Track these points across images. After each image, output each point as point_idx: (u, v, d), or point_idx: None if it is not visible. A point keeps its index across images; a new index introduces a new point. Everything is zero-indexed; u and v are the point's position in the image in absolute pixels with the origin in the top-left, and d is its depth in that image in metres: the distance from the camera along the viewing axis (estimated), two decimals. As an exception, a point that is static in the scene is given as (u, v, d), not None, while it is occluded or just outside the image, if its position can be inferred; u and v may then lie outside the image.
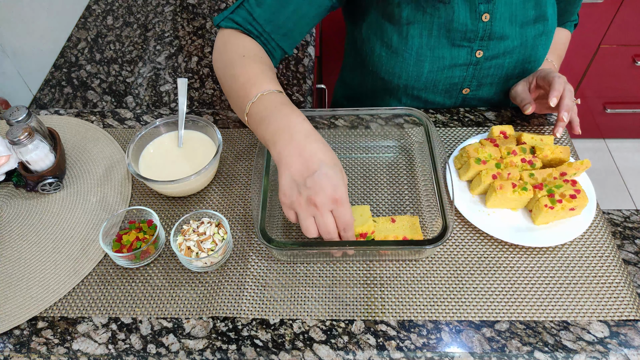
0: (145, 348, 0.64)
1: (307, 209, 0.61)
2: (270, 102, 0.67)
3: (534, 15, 0.82)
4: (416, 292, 0.68)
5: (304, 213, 0.61)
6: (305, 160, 0.61)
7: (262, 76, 0.70)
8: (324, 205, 0.60)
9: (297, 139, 0.62)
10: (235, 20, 0.76)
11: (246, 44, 0.76)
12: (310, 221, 0.61)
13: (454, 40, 0.82)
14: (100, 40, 1.15)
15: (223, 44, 0.77)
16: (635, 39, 1.67)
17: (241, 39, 0.76)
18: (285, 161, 0.62)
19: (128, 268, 0.72)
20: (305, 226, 0.62)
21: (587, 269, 0.70)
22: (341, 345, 0.64)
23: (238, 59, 0.73)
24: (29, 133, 0.74)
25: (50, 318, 0.67)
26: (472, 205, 0.76)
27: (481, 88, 0.91)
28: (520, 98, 0.84)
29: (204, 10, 1.22)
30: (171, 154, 0.81)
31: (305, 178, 0.60)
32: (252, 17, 0.76)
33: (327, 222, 0.61)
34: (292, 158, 0.61)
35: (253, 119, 0.68)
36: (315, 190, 0.59)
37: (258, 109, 0.67)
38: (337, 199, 0.60)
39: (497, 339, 0.64)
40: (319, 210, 0.60)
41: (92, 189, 0.81)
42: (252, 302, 0.68)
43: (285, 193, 0.62)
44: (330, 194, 0.60)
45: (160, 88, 1.03)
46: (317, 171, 0.60)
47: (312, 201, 0.60)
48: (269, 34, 0.77)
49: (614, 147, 2.12)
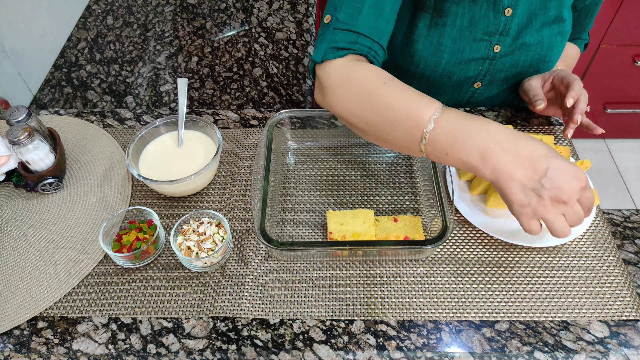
0: (145, 348, 0.64)
1: (556, 209, 0.56)
2: (452, 123, 0.60)
3: (553, 15, 0.82)
4: (416, 292, 0.68)
5: (552, 215, 0.56)
6: (527, 163, 0.56)
7: (420, 98, 0.63)
8: (572, 197, 0.56)
9: (507, 146, 0.57)
10: (339, 46, 0.68)
11: (372, 70, 0.67)
12: (562, 220, 0.57)
13: (476, 33, 0.82)
14: (100, 40, 1.15)
15: (345, 78, 0.67)
16: (635, 39, 1.67)
17: (364, 68, 0.67)
18: (506, 173, 0.56)
19: (128, 268, 0.72)
20: (558, 227, 0.57)
21: (587, 269, 0.70)
22: (341, 345, 0.64)
23: (380, 87, 0.65)
24: (29, 133, 0.74)
25: (50, 318, 0.67)
26: (472, 205, 0.76)
27: (493, 83, 0.90)
28: (533, 93, 0.83)
29: (204, 10, 1.22)
30: (171, 154, 0.81)
31: (538, 180, 0.56)
32: (356, 33, 0.69)
33: (578, 212, 0.57)
34: (512, 167, 0.56)
35: (438, 146, 0.61)
36: (557, 186, 0.55)
37: (441, 134, 0.60)
38: (584, 185, 0.56)
39: (497, 339, 0.64)
40: (568, 205, 0.56)
41: (92, 189, 0.81)
42: (252, 302, 0.68)
43: (523, 204, 0.57)
44: (576, 185, 0.56)
45: (160, 88, 1.03)
46: (548, 168, 0.55)
47: (559, 200, 0.55)
48: (378, 43, 0.71)
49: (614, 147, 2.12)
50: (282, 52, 1.10)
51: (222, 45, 1.13)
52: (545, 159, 0.56)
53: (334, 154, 0.86)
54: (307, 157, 0.86)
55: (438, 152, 0.61)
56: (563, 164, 0.56)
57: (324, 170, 0.83)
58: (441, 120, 0.60)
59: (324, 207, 0.78)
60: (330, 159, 0.85)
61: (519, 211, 0.57)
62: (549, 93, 0.85)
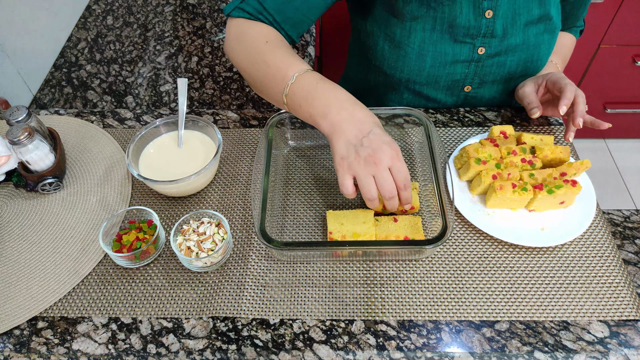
0: (145, 348, 0.64)
1: (367, 168, 0.63)
2: (309, 80, 0.69)
3: (537, 14, 0.82)
4: (416, 292, 0.68)
5: (363, 172, 0.63)
6: (358, 123, 0.64)
7: (292, 58, 0.73)
8: (383, 161, 0.62)
9: (346, 107, 0.66)
10: (245, 9, 0.78)
11: (264, 30, 0.77)
12: (370, 180, 0.63)
13: (457, 36, 0.82)
14: (100, 40, 1.15)
15: (240, 33, 0.78)
16: (635, 39, 1.67)
17: (258, 26, 0.77)
18: (339, 128, 0.65)
19: (128, 268, 0.72)
20: (366, 184, 0.63)
21: (587, 269, 0.70)
22: (341, 345, 0.64)
23: (263, 45, 0.75)
24: (29, 133, 0.74)
25: (50, 318, 0.67)
26: (472, 205, 0.76)
27: (483, 86, 0.90)
28: (528, 100, 0.83)
29: (204, 10, 1.22)
30: (171, 154, 0.81)
31: (361, 139, 0.63)
32: (263, 6, 0.77)
33: (387, 178, 0.63)
34: (345, 124, 0.65)
35: (294, 98, 0.70)
36: (372, 147, 0.62)
37: (298, 88, 0.69)
38: (395, 155, 0.63)
39: (497, 339, 0.64)
40: (378, 167, 0.62)
41: (92, 189, 0.81)
42: (252, 302, 0.68)
43: (343, 156, 0.64)
44: (387, 150, 0.62)
45: (160, 88, 1.03)
46: (371, 131, 0.64)
47: (371, 159, 0.62)
48: (279, 24, 0.78)
49: (614, 147, 2.12)
50: (282, 52, 1.10)
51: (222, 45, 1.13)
52: (372, 124, 0.65)
53: (334, 154, 0.86)
54: (307, 157, 0.85)
55: (294, 103, 0.70)
56: (384, 134, 0.64)
57: (324, 170, 0.83)
58: (301, 78, 0.70)
59: (324, 207, 0.78)
60: (330, 159, 0.85)
61: (339, 163, 0.65)
62: (544, 96, 0.85)
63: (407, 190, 0.65)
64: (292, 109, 0.72)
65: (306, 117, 0.70)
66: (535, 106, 0.81)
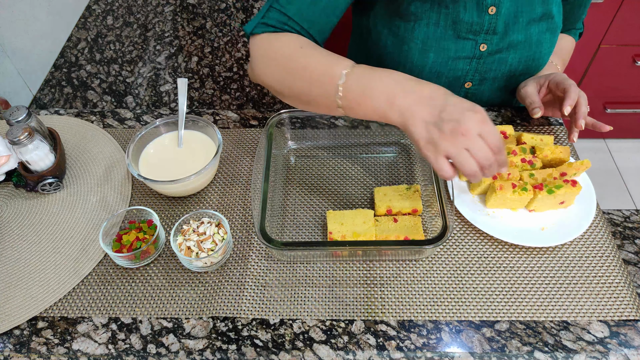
0: (145, 348, 0.64)
1: (457, 142, 0.57)
2: (361, 73, 0.64)
3: (540, 12, 0.82)
4: (416, 292, 0.68)
5: (455, 148, 0.58)
6: (428, 100, 0.59)
7: (333, 57, 0.68)
8: (472, 129, 0.57)
9: (410, 88, 0.61)
10: (269, 23, 0.73)
11: (292, 37, 0.72)
12: (465, 154, 0.58)
13: (460, 32, 0.82)
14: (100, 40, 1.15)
15: (267, 48, 0.73)
16: (635, 39, 1.67)
17: (285, 36, 0.73)
18: (410, 113, 0.60)
19: (128, 268, 0.72)
20: (463, 160, 0.58)
21: (587, 269, 0.70)
22: (341, 345, 0.64)
23: (297, 51, 0.70)
24: (29, 133, 0.74)
25: (50, 318, 0.67)
26: (472, 205, 0.76)
27: (484, 83, 0.90)
28: (530, 100, 0.83)
29: (204, 10, 1.22)
30: (171, 154, 0.81)
31: (439, 114, 0.58)
32: (287, 16, 0.73)
33: (481, 146, 0.58)
34: (415, 106, 0.60)
35: (350, 97, 0.65)
36: (455, 118, 0.57)
37: (352, 85, 0.64)
38: (481, 118, 0.58)
39: (497, 339, 0.64)
40: (468, 137, 0.57)
41: (92, 189, 0.81)
42: (252, 302, 0.68)
43: (426, 139, 0.59)
44: (472, 116, 0.57)
45: (160, 88, 1.03)
46: (446, 102, 0.58)
47: (458, 130, 0.57)
48: (307, 31, 0.75)
49: (614, 147, 2.12)
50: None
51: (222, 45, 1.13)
52: (444, 96, 0.60)
53: (334, 154, 0.86)
54: (307, 157, 0.86)
55: (351, 103, 0.65)
56: (460, 101, 0.59)
57: (324, 170, 0.83)
58: (351, 74, 0.64)
59: (324, 207, 0.78)
60: (330, 159, 0.85)
61: (425, 148, 0.60)
62: (546, 97, 0.85)
63: (502, 153, 0.59)
64: (350, 110, 0.66)
65: (369, 114, 0.64)
66: (537, 106, 0.81)
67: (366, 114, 0.64)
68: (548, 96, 0.84)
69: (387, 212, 0.74)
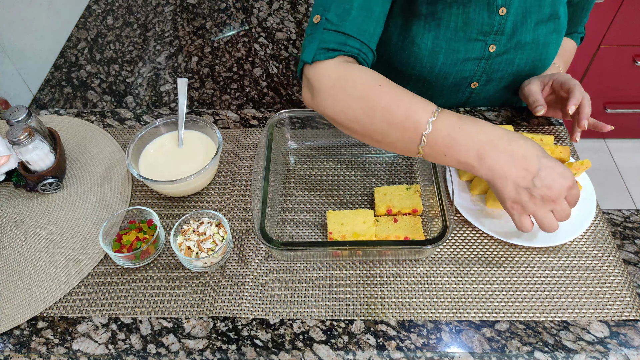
0: (145, 348, 0.64)
1: (544, 207, 0.60)
2: (448, 123, 0.61)
3: (548, 13, 0.82)
4: (416, 292, 0.68)
5: (541, 212, 0.61)
6: (522, 162, 0.59)
7: (417, 100, 0.64)
8: (561, 196, 0.60)
9: (502, 146, 0.60)
10: (329, 47, 0.68)
11: (368, 73, 0.67)
12: (551, 216, 0.61)
13: (471, 34, 0.82)
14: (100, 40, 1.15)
15: (338, 79, 0.66)
16: (635, 39, 1.67)
17: (358, 69, 0.67)
18: (501, 172, 0.60)
19: (128, 268, 0.72)
20: (547, 222, 0.61)
21: (587, 269, 0.70)
22: (341, 345, 0.64)
23: (375, 89, 0.65)
24: (29, 133, 0.74)
25: (50, 318, 0.67)
26: (472, 205, 0.76)
27: (490, 83, 0.90)
28: (534, 98, 0.83)
29: (204, 10, 1.22)
30: (171, 154, 0.81)
31: (531, 180, 0.59)
32: (345, 34, 0.68)
33: (566, 209, 0.61)
34: (508, 167, 0.59)
35: (436, 148, 0.62)
36: (548, 186, 0.59)
37: (439, 136, 0.61)
38: (570, 184, 0.60)
39: (497, 339, 0.64)
40: (557, 203, 0.60)
41: (92, 189, 0.81)
42: (252, 302, 0.68)
43: (515, 200, 0.61)
44: (564, 184, 0.59)
45: (160, 88, 1.03)
46: (540, 169, 0.59)
47: (549, 198, 0.59)
48: (367, 45, 0.71)
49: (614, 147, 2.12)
50: (282, 52, 1.10)
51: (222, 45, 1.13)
52: (537, 159, 0.59)
53: (334, 154, 0.86)
54: (307, 157, 0.86)
55: (436, 153, 0.63)
56: (553, 165, 0.60)
57: (324, 170, 0.83)
58: (438, 123, 0.61)
59: (324, 207, 0.78)
60: (330, 159, 0.85)
61: (512, 207, 0.62)
62: (549, 96, 0.85)
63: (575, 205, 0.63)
64: (433, 159, 0.64)
65: (454, 165, 0.63)
66: (541, 104, 0.81)
67: (451, 164, 0.63)
68: (551, 96, 0.84)
69: (387, 212, 0.74)
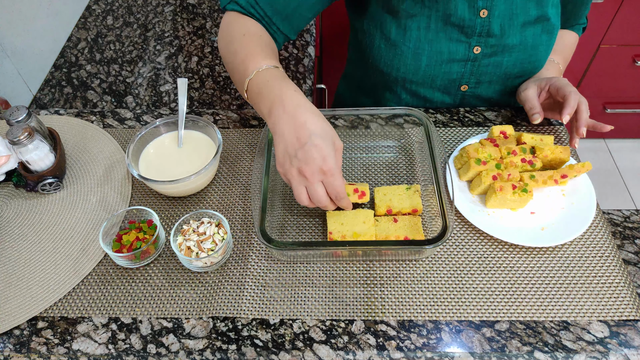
0: (145, 348, 0.64)
1: (299, 180, 0.64)
2: (266, 77, 0.69)
3: (535, 15, 0.81)
4: (416, 292, 0.68)
5: (295, 183, 0.64)
6: (296, 130, 0.63)
7: (260, 53, 0.73)
8: (313, 175, 0.63)
9: (289, 109, 0.64)
10: (239, 2, 0.78)
11: (248, 24, 0.78)
12: (302, 189, 0.65)
13: (452, 34, 0.82)
14: (100, 40, 1.15)
15: (227, 24, 0.79)
16: (635, 39, 1.67)
17: (244, 20, 0.78)
18: (280, 130, 0.64)
19: (128, 268, 0.72)
20: (298, 194, 0.65)
21: (587, 269, 0.70)
22: (341, 345, 0.64)
23: (239, 37, 0.76)
24: (29, 133, 0.74)
25: (50, 318, 0.67)
26: (472, 205, 0.76)
27: (480, 86, 0.90)
28: (530, 105, 0.82)
29: (204, 10, 1.22)
30: (171, 154, 0.81)
31: (296, 150, 0.63)
32: (255, 1, 0.77)
33: (317, 191, 0.64)
34: (284, 128, 0.64)
35: (251, 95, 0.72)
36: (305, 161, 0.62)
37: (255, 84, 0.70)
38: (326, 170, 0.63)
39: (497, 339, 0.64)
40: (309, 180, 0.63)
41: (92, 189, 0.81)
42: (252, 302, 0.68)
43: (280, 163, 0.65)
44: (318, 165, 0.62)
45: (160, 88, 1.03)
46: (306, 143, 0.62)
47: (302, 172, 0.63)
48: (270, 18, 0.79)
49: (614, 147, 2.12)
50: (282, 52, 1.10)
51: (222, 45, 1.13)
52: (309, 134, 0.62)
53: (334, 154, 0.86)
54: (307, 157, 0.85)
55: (251, 101, 0.73)
56: (320, 144, 0.62)
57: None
58: (259, 74, 0.70)
59: (324, 207, 0.78)
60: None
61: (277, 168, 0.66)
62: (546, 100, 0.84)
63: (341, 200, 0.66)
64: (252, 103, 0.73)
65: (259, 112, 0.71)
66: (537, 111, 0.80)
67: (258, 111, 0.71)
68: (549, 100, 0.84)
69: (387, 212, 0.74)
